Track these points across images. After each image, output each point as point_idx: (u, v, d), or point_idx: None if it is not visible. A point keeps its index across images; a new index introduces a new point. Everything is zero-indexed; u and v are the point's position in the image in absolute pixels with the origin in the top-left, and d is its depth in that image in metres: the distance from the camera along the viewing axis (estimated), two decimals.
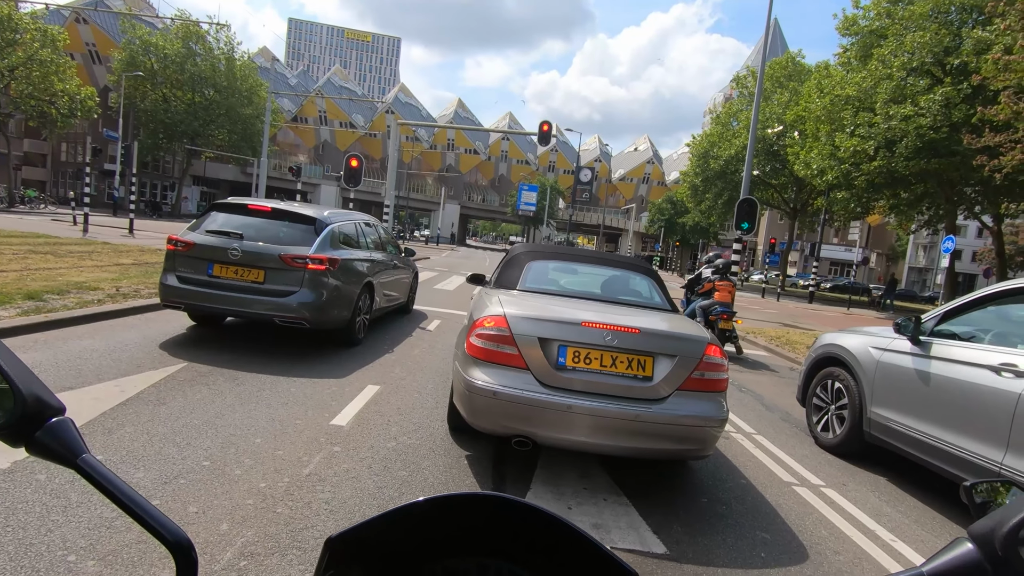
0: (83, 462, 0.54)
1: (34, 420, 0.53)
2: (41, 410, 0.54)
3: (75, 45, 46.20)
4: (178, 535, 0.54)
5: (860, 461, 4.52)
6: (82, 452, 0.54)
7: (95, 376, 4.21)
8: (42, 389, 0.54)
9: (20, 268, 8.25)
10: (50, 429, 0.54)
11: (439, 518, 0.58)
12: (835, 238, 55.57)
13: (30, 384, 0.54)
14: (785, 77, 33.44)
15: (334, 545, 0.56)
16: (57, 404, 0.55)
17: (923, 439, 3.79)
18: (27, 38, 29.43)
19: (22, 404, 0.53)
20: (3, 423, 0.53)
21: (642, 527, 2.95)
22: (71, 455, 0.54)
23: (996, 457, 3.25)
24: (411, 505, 0.56)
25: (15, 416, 0.53)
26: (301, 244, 5.60)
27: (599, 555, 0.56)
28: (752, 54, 76.73)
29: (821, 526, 3.26)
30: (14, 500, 2.45)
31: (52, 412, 0.54)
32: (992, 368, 3.39)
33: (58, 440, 0.54)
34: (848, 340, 4.80)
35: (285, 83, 66.32)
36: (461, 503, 0.58)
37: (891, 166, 19.44)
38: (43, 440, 0.53)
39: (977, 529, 0.49)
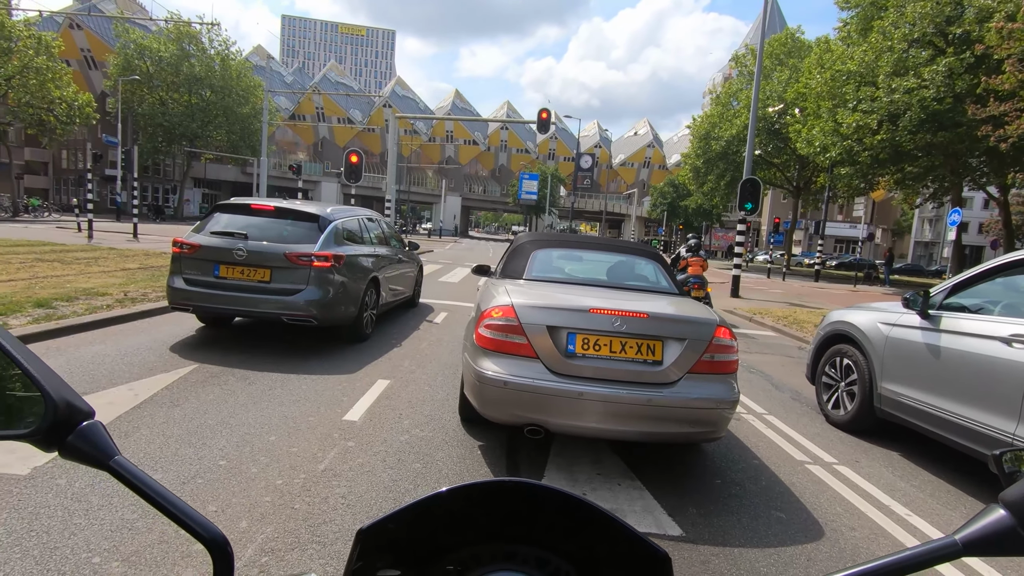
0: (115, 463, 0.54)
1: (65, 425, 0.54)
2: (72, 415, 0.54)
3: (70, 51, 46.12)
4: (213, 531, 0.54)
5: (872, 438, 4.52)
6: (114, 454, 0.55)
7: (108, 381, 4.25)
8: (71, 394, 0.55)
9: (28, 277, 8.31)
10: (81, 433, 0.54)
11: (465, 506, 0.59)
12: (839, 215, 55.20)
13: (60, 389, 0.54)
14: (784, 54, 33.06)
15: (365, 536, 0.56)
16: (87, 408, 0.56)
17: (935, 413, 3.77)
18: (22, 46, 29.40)
19: (53, 410, 0.53)
20: (35, 429, 0.54)
21: (657, 510, 2.96)
22: (104, 457, 0.54)
23: (1009, 428, 3.25)
24: (437, 495, 0.56)
25: (47, 422, 0.53)
26: (305, 242, 5.60)
27: (629, 537, 0.56)
28: (750, 32, 75.82)
29: (836, 503, 3.27)
30: (36, 505, 2.48)
31: (82, 416, 0.55)
32: (1003, 339, 3.38)
33: (90, 443, 0.54)
34: (856, 316, 4.79)
35: (281, 81, 66.08)
36: (486, 490, 0.58)
37: (895, 140, 19.23)
38: (75, 444, 0.54)
39: (1010, 495, 0.49)
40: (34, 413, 0.54)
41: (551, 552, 0.59)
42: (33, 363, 0.55)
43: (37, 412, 0.54)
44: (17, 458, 2.85)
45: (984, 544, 0.49)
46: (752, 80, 25.76)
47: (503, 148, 74.49)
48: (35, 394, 0.54)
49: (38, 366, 0.55)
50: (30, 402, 0.55)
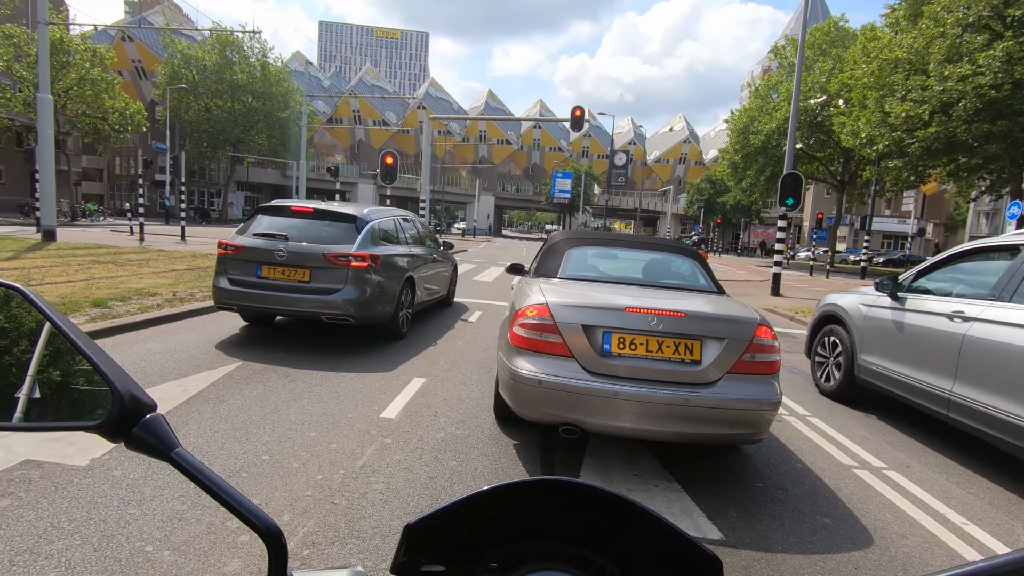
0: (177, 455, 0.57)
1: (131, 417, 0.57)
2: (137, 408, 0.57)
3: (122, 63, 48.39)
4: (268, 523, 0.56)
5: (925, 441, 4.33)
6: (175, 446, 0.57)
7: (159, 377, 4.44)
8: (136, 388, 0.58)
9: (86, 278, 8.75)
10: (145, 425, 0.57)
11: (509, 504, 0.59)
12: (887, 210, 52.95)
13: (126, 383, 0.57)
14: (827, 43, 31.89)
15: (413, 531, 0.57)
16: (150, 402, 0.58)
17: (898, 378, 4.47)
18: (79, 59, 30.98)
19: (120, 402, 0.56)
20: (104, 421, 0.57)
21: (696, 513, 2.91)
22: (166, 449, 0.57)
23: (947, 386, 3.94)
24: (482, 492, 0.57)
25: (114, 415, 0.56)
26: (343, 242, 5.72)
27: (676, 539, 0.55)
28: (791, 21, 73.48)
29: (885, 510, 3.14)
30: (95, 495, 2.61)
31: (146, 409, 0.58)
32: (947, 315, 4.07)
33: (153, 435, 0.57)
34: (843, 299, 5.50)
35: (319, 85, 67.69)
36: (530, 489, 0.58)
37: (949, 130, 18.31)
38: (140, 435, 0.57)
39: None
40: (102, 406, 0.57)
41: (595, 552, 0.59)
42: (102, 358, 0.58)
43: (105, 405, 0.57)
44: (77, 450, 3.01)
45: None
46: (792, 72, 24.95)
47: (536, 147, 74.37)
48: (103, 388, 0.57)
49: (106, 361, 0.58)
50: (98, 395, 0.58)
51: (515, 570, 0.58)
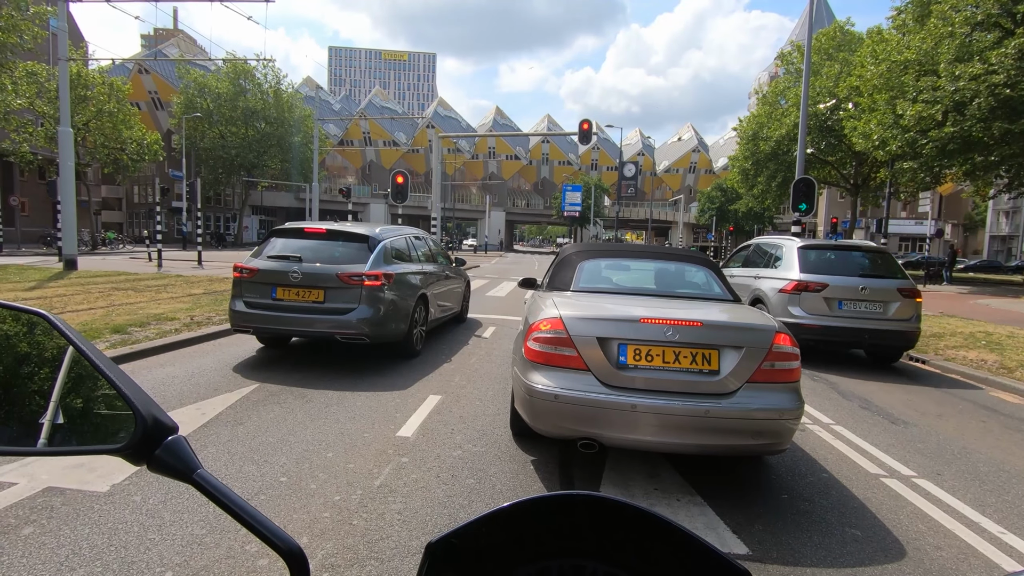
0: (199, 476, 0.57)
1: (153, 439, 0.57)
2: (159, 430, 0.57)
3: (139, 94, 49.76)
4: (290, 543, 0.56)
5: (956, 448, 4.20)
6: (197, 467, 0.57)
7: (178, 401, 4.47)
8: (158, 410, 0.58)
9: (106, 305, 8.90)
10: (168, 447, 0.57)
11: (532, 520, 0.58)
12: (903, 212, 52.21)
13: (148, 406, 0.58)
14: (834, 48, 31.79)
15: (435, 549, 0.56)
16: (172, 424, 0.59)
17: None
18: (97, 92, 31.90)
19: (143, 425, 0.57)
20: (127, 444, 0.57)
21: (720, 527, 2.84)
22: (188, 470, 0.57)
23: None
24: (503, 509, 0.56)
25: (137, 437, 0.57)
26: (356, 262, 5.76)
27: (704, 553, 0.53)
28: (796, 27, 73.51)
29: (918, 520, 3.04)
30: (115, 521, 2.62)
31: (168, 431, 0.58)
32: (752, 276, 7.96)
33: (176, 457, 0.57)
34: None
35: (330, 109, 68.89)
36: (553, 503, 0.57)
37: (964, 130, 18.06)
38: (162, 457, 0.57)
39: None
40: (125, 429, 0.58)
41: (621, 567, 0.57)
42: (124, 381, 0.59)
43: (128, 428, 0.57)
44: (97, 476, 3.03)
45: None
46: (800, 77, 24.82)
47: (545, 161, 74.77)
48: (126, 411, 0.57)
49: (128, 384, 0.59)
50: (121, 419, 0.59)
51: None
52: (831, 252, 7.53)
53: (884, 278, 6.97)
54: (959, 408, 5.45)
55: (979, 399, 5.83)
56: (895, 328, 6.74)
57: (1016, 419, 5.14)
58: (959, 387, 6.32)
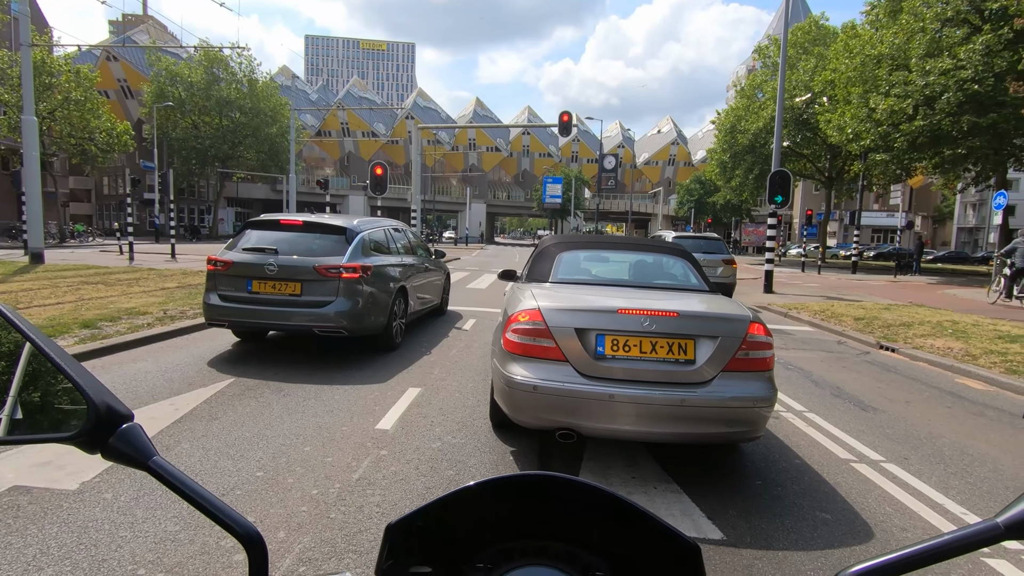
0: (155, 464, 0.56)
1: (107, 427, 0.56)
2: (112, 417, 0.57)
3: (108, 82, 48.22)
4: (248, 528, 0.56)
5: (923, 433, 4.34)
6: (153, 455, 0.57)
7: (150, 396, 4.38)
8: (111, 398, 0.58)
9: (75, 299, 8.67)
10: (122, 435, 0.57)
11: (493, 501, 0.58)
12: (875, 204, 53.44)
13: (100, 394, 0.57)
14: (809, 42, 32.27)
15: (394, 532, 0.56)
16: (126, 411, 0.58)
17: None
18: (63, 80, 30.86)
19: (95, 412, 0.56)
20: (79, 432, 0.56)
21: (696, 513, 2.89)
22: (143, 458, 0.56)
23: None
24: (463, 489, 0.56)
25: (89, 425, 0.56)
26: (334, 254, 5.69)
27: (659, 530, 0.55)
28: (773, 21, 74.28)
29: (885, 503, 3.13)
30: (85, 519, 2.57)
31: (122, 419, 0.57)
32: None
33: (130, 444, 0.56)
34: None
35: (306, 99, 67.71)
36: (514, 484, 0.58)
37: (934, 124, 18.52)
38: (116, 445, 0.56)
39: None
40: (77, 417, 0.57)
41: (581, 547, 0.58)
42: (75, 369, 0.58)
43: (80, 416, 0.57)
44: (66, 474, 2.96)
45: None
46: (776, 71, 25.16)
47: (525, 153, 74.64)
48: (78, 400, 0.57)
49: (79, 372, 0.58)
50: (77, 409, 0.58)
51: (502, 567, 0.57)
52: (689, 240, 13.01)
53: (716, 254, 12.36)
54: (926, 395, 5.62)
55: (945, 386, 6.01)
56: (723, 281, 11.47)
57: (980, 405, 5.32)
58: (926, 374, 6.52)
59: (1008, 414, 5.03)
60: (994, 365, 6.53)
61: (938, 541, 0.50)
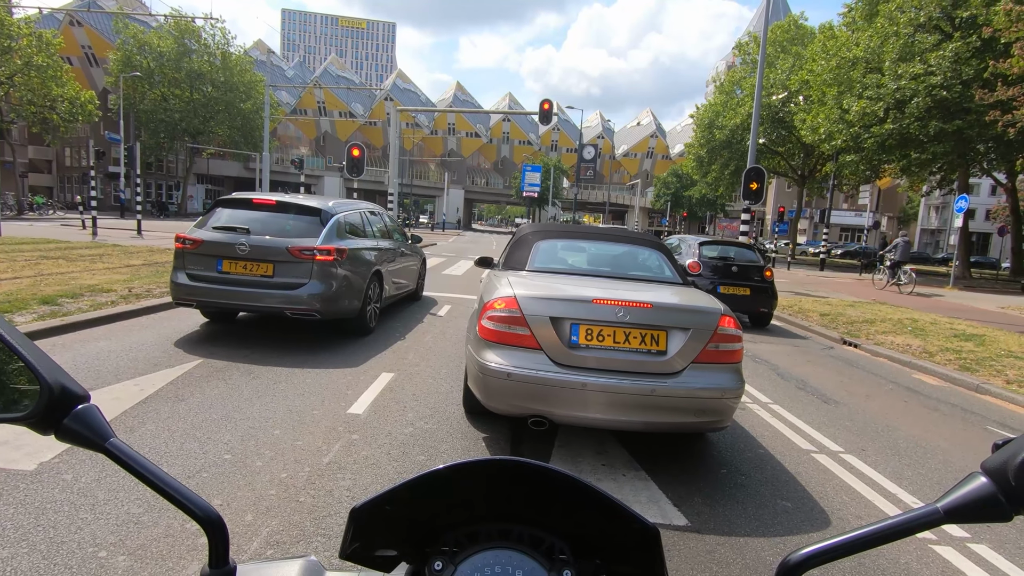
0: (111, 445, 0.55)
1: (60, 408, 0.55)
2: (66, 398, 0.55)
3: (71, 48, 46.09)
4: (208, 511, 0.55)
5: (880, 425, 4.51)
6: (110, 436, 0.56)
7: (114, 376, 4.26)
8: (66, 378, 0.56)
9: (33, 274, 8.34)
10: (77, 415, 0.55)
11: (459, 484, 0.59)
12: (845, 203, 54.78)
13: (54, 373, 0.55)
14: (788, 41, 32.71)
15: (359, 515, 0.57)
16: (82, 392, 0.57)
17: None
18: (24, 44, 29.38)
19: (48, 392, 0.54)
20: (31, 412, 0.55)
21: (663, 500, 2.96)
22: (99, 439, 0.55)
23: None
24: (431, 472, 0.57)
25: (42, 405, 0.54)
26: (308, 236, 5.59)
27: (619, 513, 0.57)
28: (754, 17, 75.01)
29: (842, 492, 3.26)
30: (43, 500, 2.50)
31: (77, 400, 0.56)
32: None
33: (86, 425, 0.55)
34: None
35: (282, 76, 65.88)
36: (480, 468, 0.59)
37: (903, 127, 19.03)
38: (71, 426, 0.55)
39: (990, 463, 0.50)
40: (30, 397, 0.55)
41: (545, 530, 0.60)
42: (28, 348, 0.56)
43: (32, 396, 0.55)
44: (24, 454, 2.87)
45: (966, 511, 0.50)
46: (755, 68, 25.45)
47: (505, 140, 74.21)
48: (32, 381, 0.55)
49: (32, 351, 0.56)
50: (26, 387, 0.56)
51: (467, 550, 0.58)
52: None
53: None
54: (885, 389, 5.83)
55: (903, 380, 6.25)
56: None
57: (935, 399, 5.55)
58: (886, 370, 6.76)
59: (960, 409, 5.26)
60: (949, 362, 6.82)
61: (881, 525, 0.52)
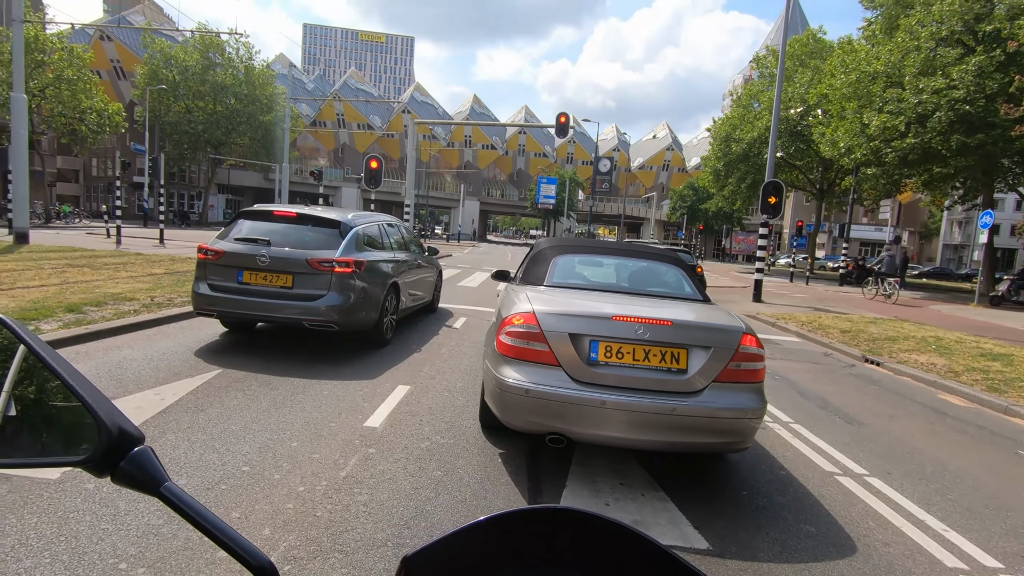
0: (166, 490, 0.55)
1: (118, 451, 0.55)
2: (124, 441, 0.55)
3: (100, 62, 47.48)
4: (260, 558, 0.55)
5: (906, 447, 4.39)
6: (164, 480, 0.55)
7: (135, 385, 4.32)
8: (123, 420, 0.56)
9: (59, 282, 8.52)
10: (133, 459, 0.55)
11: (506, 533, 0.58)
12: (864, 218, 54.01)
13: (112, 415, 0.55)
14: (806, 55, 32.54)
15: (410, 563, 0.56)
16: (138, 434, 0.56)
17: None
18: (55, 58, 30.33)
19: (107, 436, 0.54)
20: (89, 456, 0.55)
21: (683, 523, 2.90)
22: (154, 483, 0.55)
23: None
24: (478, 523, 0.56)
25: (101, 448, 0.54)
26: (327, 248, 5.65)
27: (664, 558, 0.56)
28: (772, 31, 74.90)
29: (868, 517, 3.17)
30: (66, 510, 2.52)
31: (134, 442, 0.56)
32: None
33: (141, 469, 0.55)
34: None
35: (303, 88, 67.13)
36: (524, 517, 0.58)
37: (924, 141, 18.77)
38: (127, 470, 0.55)
39: None
40: (88, 439, 0.55)
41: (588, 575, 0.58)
42: (86, 389, 0.56)
43: (91, 439, 0.55)
44: None
45: None
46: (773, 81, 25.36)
47: (521, 152, 74.59)
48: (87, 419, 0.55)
49: (91, 392, 0.56)
50: (82, 428, 0.56)
51: None
52: None
53: None
54: (909, 410, 5.69)
55: (928, 401, 6.10)
56: None
57: (961, 421, 5.40)
58: (910, 389, 6.60)
59: (989, 432, 5.11)
60: (976, 382, 6.63)
61: None
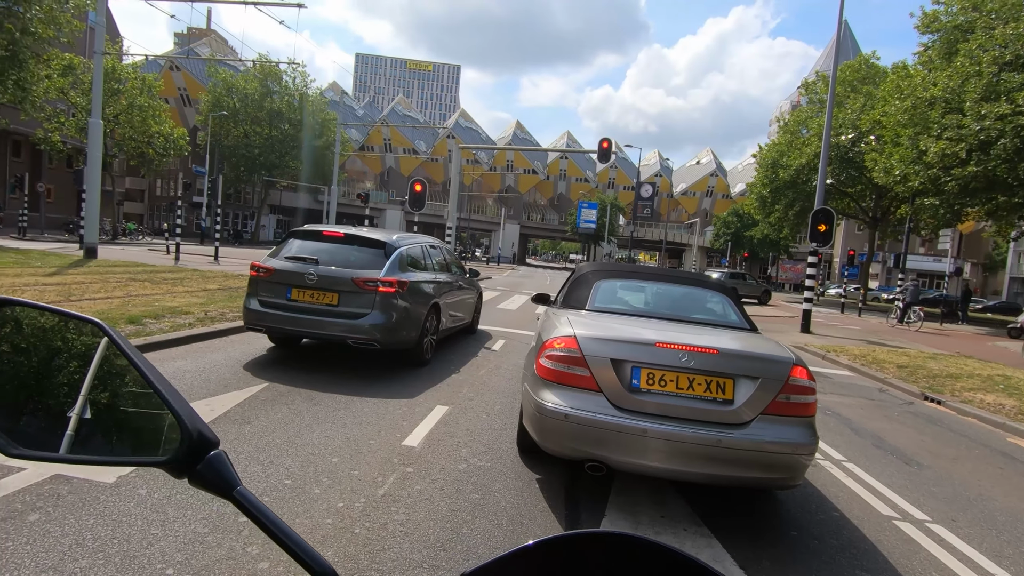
0: (238, 494, 0.56)
1: (196, 454, 0.57)
2: (202, 444, 0.57)
3: (168, 90, 50.78)
4: (324, 566, 0.55)
5: (972, 492, 4.09)
6: (237, 484, 0.57)
7: (188, 396, 4.45)
8: (202, 424, 0.58)
9: (123, 295, 9.02)
10: (209, 462, 0.57)
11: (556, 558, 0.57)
12: (922, 248, 51.54)
13: (193, 420, 0.58)
14: (858, 80, 31.72)
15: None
16: (214, 438, 0.58)
17: None
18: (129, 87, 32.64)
19: (188, 439, 0.56)
20: (172, 457, 0.57)
21: (727, 561, 2.77)
22: (228, 487, 0.56)
23: None
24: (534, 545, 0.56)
25: (183, 450, 0.56)
26: (372, 268, 5.79)
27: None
28: (821, 57, 73.49)
29: (931, 567, 2.95)
30: (120, 513, 2.62)
31: (211, 446, 0.58)
32: None
33: (217, 473, 0.57)
34: None
35: (353, 114, 69.77)
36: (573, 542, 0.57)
37: (988, 169, 17.89)
38: (204, 473, 0.56)
39: None
40: (171, 441, 0.58)
41: None
42: (171, 394, 0.59)
43: (174, 440, 0.57)
44: None
45: None
46: (823, 107, 24.84)
47: (562, 177, 74.99)
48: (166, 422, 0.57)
49: (175, 397, 0.59)
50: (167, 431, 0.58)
51: None
52: None
53: None
54: (975, 452, 5.32)
55: (996, 444, 5.69)
56: None
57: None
58: (975, 431, 6.18)
59: None
60: None
61: None
